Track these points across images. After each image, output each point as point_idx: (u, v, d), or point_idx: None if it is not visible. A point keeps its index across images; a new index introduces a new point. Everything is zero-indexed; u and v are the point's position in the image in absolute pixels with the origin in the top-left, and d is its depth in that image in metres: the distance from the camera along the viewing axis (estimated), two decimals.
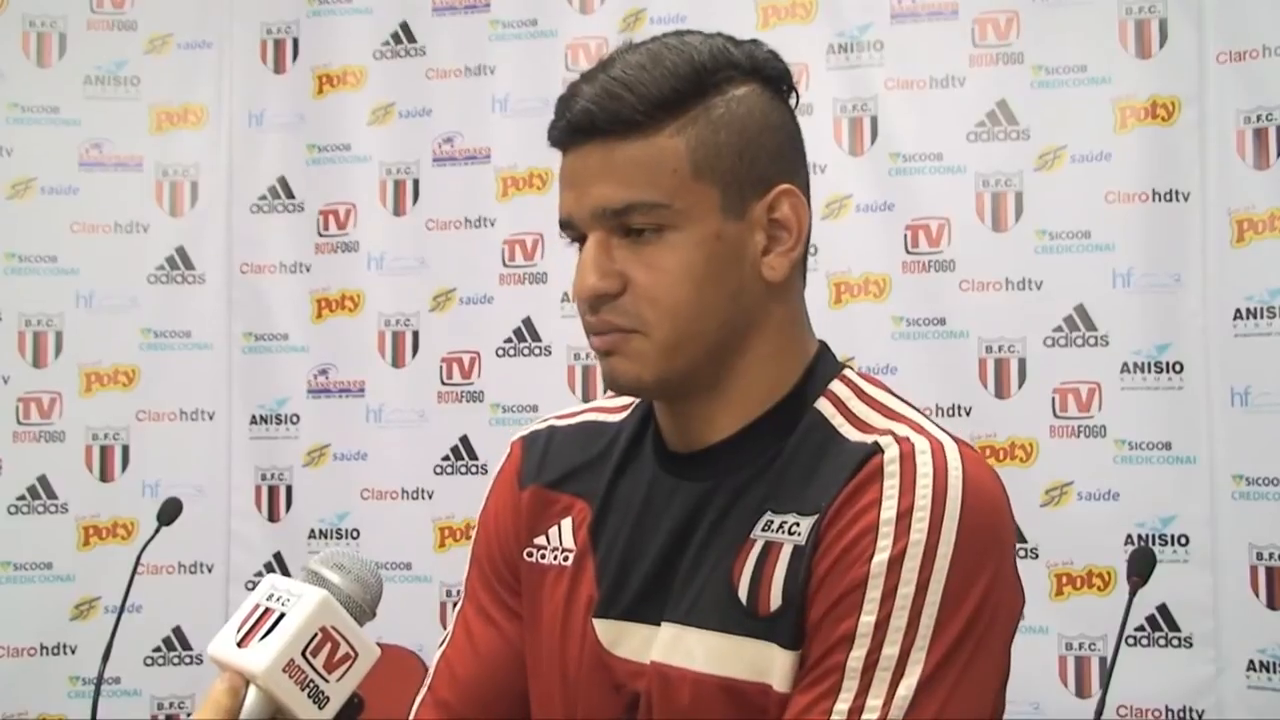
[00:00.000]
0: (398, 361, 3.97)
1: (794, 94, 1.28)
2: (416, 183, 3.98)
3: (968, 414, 3.58)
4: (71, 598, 3.88)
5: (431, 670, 1.42)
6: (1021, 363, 3.59)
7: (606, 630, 1.26)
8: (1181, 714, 3.40)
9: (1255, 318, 3.40)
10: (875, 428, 1.21)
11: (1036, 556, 3.51)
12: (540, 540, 1.35)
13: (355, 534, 3.94)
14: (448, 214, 3.95)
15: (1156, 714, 3.41)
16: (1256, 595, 3.38)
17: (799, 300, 1.29)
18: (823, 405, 1.25)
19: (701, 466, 1.26)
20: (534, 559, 1.35)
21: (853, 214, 3.69)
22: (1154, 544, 3.36)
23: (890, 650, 1.10)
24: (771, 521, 1.19)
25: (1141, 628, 3.40)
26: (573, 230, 1.24)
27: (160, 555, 3.63)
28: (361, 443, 3.95)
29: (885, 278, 3.68)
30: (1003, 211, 3.63)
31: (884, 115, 3.71)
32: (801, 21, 3.75)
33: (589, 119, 1.19)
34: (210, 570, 3.94)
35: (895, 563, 1.12)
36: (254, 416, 4.01)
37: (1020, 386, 3.59)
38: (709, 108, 1.20)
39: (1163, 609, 3.41)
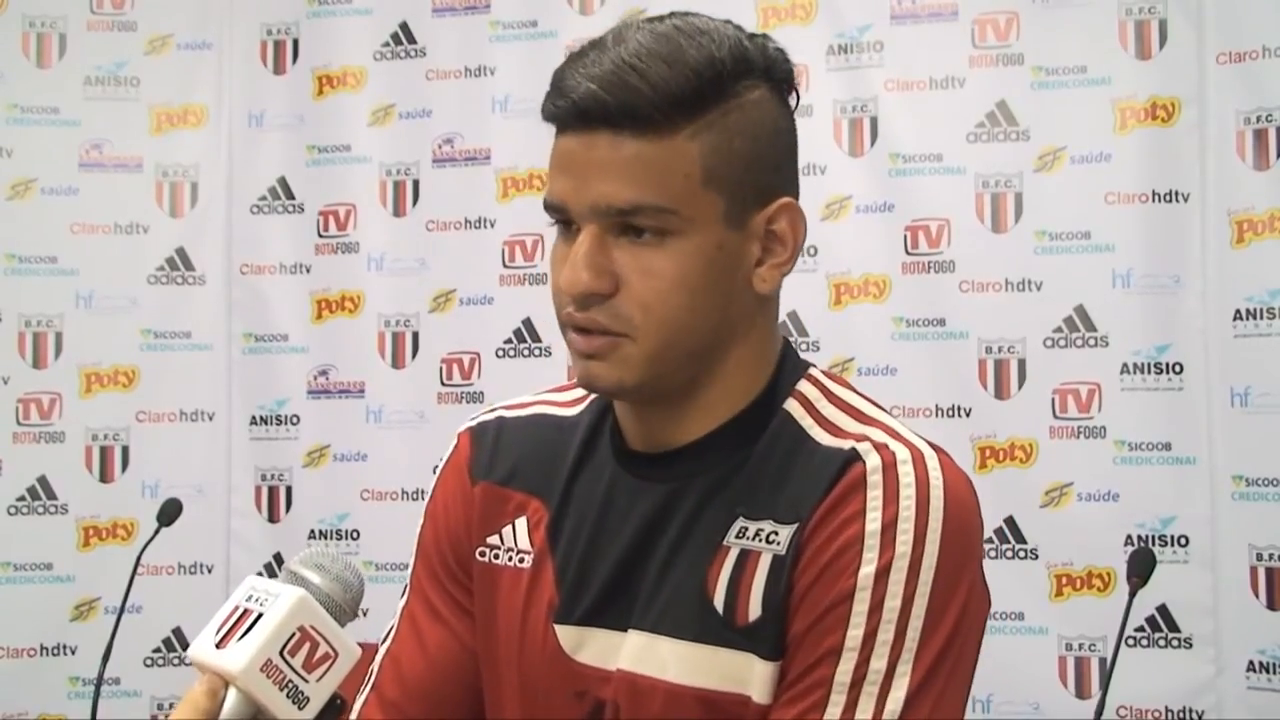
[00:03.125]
0: (398, 362, 3.96)
1: (795, 95, 1.23)
2: (416, 184, 3.98)
3: (968, 415, 3.58)
4: (71, 598, 3.88)
5: (375, 668, 1.35)
6: (1021, 363, 3.58)
7: (568, 636, 1.23)
8: (1181, 714, 3.39)
9: (1255, 318, 3.39)
10: (848, 432, 1.19)
11: (1036, 557, 3.51)
12: (494, 540, 1.31)
13: (355, 535, 3.93)
14: (448, 215, 3.95)
15: (1156, 714, 3.40)
16: (1256, 596, 3.37)
17: (778, 307, 1.26)
18: (791, 406, 1.22)
19: (666, 468, 1.22)
20: (487, 559, 1.31)
21: (853, 215, 3.69)
22: (1154, 544, 3.35)
23: (878, 664, 1.09)
24: (746, 528, 1.17)
25: (1141, 628, 3.39)
26: (562, 214, 1.18)
27: (160, 556, 3.62)
28: (361, 443, 3.95)
29: (885, 278, 3.67)
30: (1002, 212, 3.62)
31: (884, 116, 3.70)
32: (801, 22, 3.75)
33: (601, 107, 1.12)
34: (210, 571, 3.94)
35: (881, 576, 1.10)
36: (254, 417, 4.01)
37: (1020, 387, 3.58)
38: (726, 112, 1.15)
39: (1163, 609, 3.40)
